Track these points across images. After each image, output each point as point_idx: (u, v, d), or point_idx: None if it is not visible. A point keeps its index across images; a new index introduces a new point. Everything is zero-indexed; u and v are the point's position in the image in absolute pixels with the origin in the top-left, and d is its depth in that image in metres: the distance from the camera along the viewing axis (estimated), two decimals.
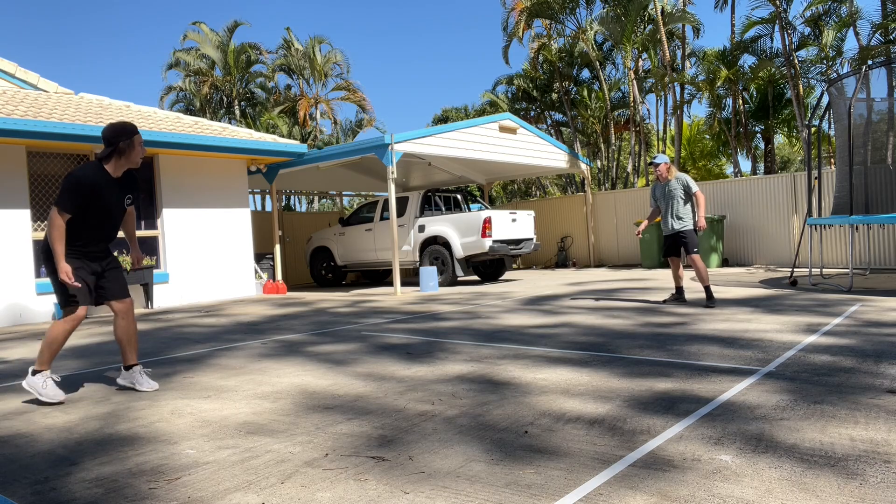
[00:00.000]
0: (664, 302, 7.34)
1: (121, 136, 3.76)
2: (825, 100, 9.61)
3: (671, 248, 7.19)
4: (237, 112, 28.45)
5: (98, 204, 3.75)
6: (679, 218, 7.01)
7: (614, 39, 20.27)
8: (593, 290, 9.51)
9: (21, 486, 2.46)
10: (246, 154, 11.54)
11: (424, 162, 14.22)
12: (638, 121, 22.06)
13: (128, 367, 4.06)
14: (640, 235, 7.58)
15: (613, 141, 24.02)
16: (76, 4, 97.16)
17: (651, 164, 7.11)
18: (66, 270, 3.64)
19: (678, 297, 7.25)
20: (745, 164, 44.51)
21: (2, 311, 9.10)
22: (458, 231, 11.69)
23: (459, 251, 11.66)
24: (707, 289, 6.90)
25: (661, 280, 10.68)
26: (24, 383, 3.76)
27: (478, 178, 17.27)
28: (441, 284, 11.95)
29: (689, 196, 6.97)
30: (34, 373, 3.75)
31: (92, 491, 2.36)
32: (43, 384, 3.72)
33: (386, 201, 12.82)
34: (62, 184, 3.63)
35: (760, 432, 2.63)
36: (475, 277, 13.76)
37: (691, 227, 6.99)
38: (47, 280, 9.50)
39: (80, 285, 3.71)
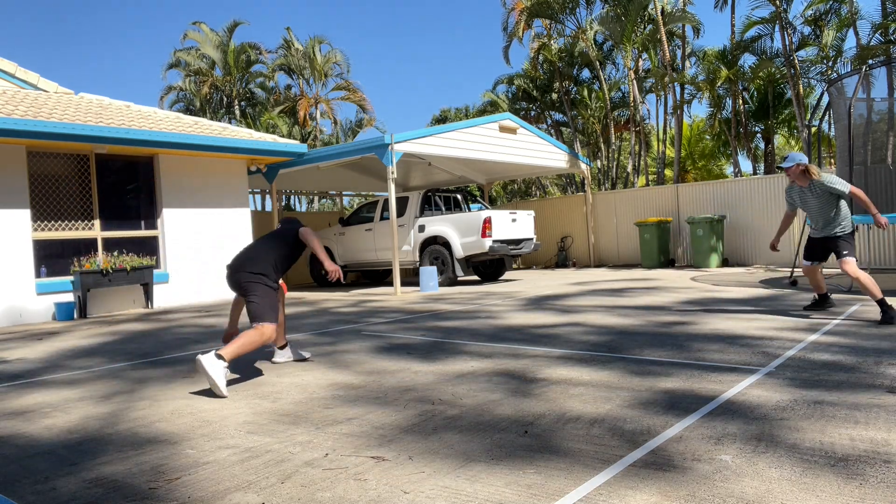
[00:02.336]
0: (806, 308, 6.20)
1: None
2: (825, 100, 9.61)
3: (815, 252, 5.86)
4: (237, 112, 28.45)
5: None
6: (836, 222, 5.67)
7: (614, 39, 20.27)
8: (594, 289, 9.51)
9: (21, 486, 2.46)
10: (246, 154, 11.54)
11: (424, 162, 14.22)
12: (638, 121, 22.06)
13: (282, 347, 4.72)
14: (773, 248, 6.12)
15: (613, 141, 24.02)
16: (76, 4, 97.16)
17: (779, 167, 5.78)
18: (334, 268, 4.25)
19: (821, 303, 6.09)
20: (746, 164, 44.51)
21: (2, 311, 9.10)
22: (458, 231, 11.69)
23: (459, 251, 11.66)
24: (881, 301, 5.35)
25: (661, 280, 10.68)
26: (203, 360, 3.69)
27: (478, 178, 17.27)
28: (441, 284, 11.95)
29: (840, 197, 5.63)
30: (220, 356, 3.75)
31: (92, 491, 2.36)
32: (224, 373, 3.75)
33: (386, 201, 12.82)
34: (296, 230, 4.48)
35: (760, 432, 2.63)
36: (475, 277, 13.76)
37: (850, 229, 5.67)
38: (47, 280, 9.56)
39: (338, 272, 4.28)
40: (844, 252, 5.47)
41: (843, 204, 5.61)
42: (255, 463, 2.58)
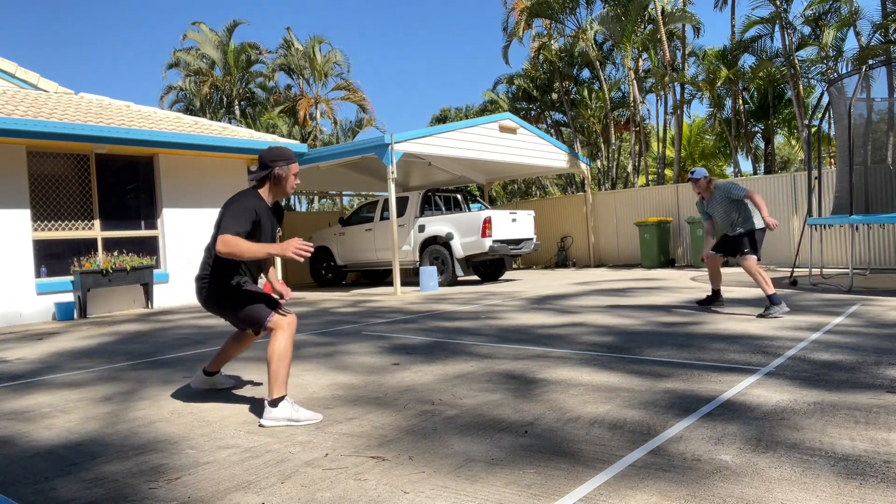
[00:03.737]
0: (699, 303, 6.82)
1: (278, 160, 3.37)
2: (825, 100, 9.61)
3: (726, 247, 6.44)
4: (237, 112, 28.45)
5: (259, 233, 3.36)
6: (739, 223, 6.27)
7: (614, 39, 20.27)
8: (594, 289, 9.51)
9: (21, 486, 2.46)
10: (246, 154, 11.54)
11: (424, 162, 14.22)
12: (638, 121, 22.06)
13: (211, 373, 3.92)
14: (705, 260, 6.56)
15: (613, 141, 24.03)
16: (76, 4, 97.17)
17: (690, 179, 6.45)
18: (291, 244, 3.06)
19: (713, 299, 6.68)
20: (746, 164, 44.55)
21: (1, 310, 9.10)
22: (459, 231, 11.69)
23: (459, 251, 11.66)
24: (770, 297, 5.98)
25: (661, 279, 10.68)
26: (265, 422, 3.12)
27: (478, 178, 17.27)
28: (441, 284, 11.95)
29: (738, 202, 6.22)
30: (275, 403, 3.14)
31: (92, 491, 2.36)
32: (294, 409, 3.16)
33: (386, 201, 12.82)
34: (226, 211, 3.22)
35: (760, 432, 2.63)
36: (475, 277, 13.76)
37: (751, 228, 6.23)
38: (47, 280, 9.55)
39: (310, 250, 3.16)
40: (745, 250, 6.09)
41: (745, 207, 6.15)
42: (255, 463, 2.58)
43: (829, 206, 11.31)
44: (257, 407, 3.49)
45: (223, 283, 3.39)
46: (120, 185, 10.59)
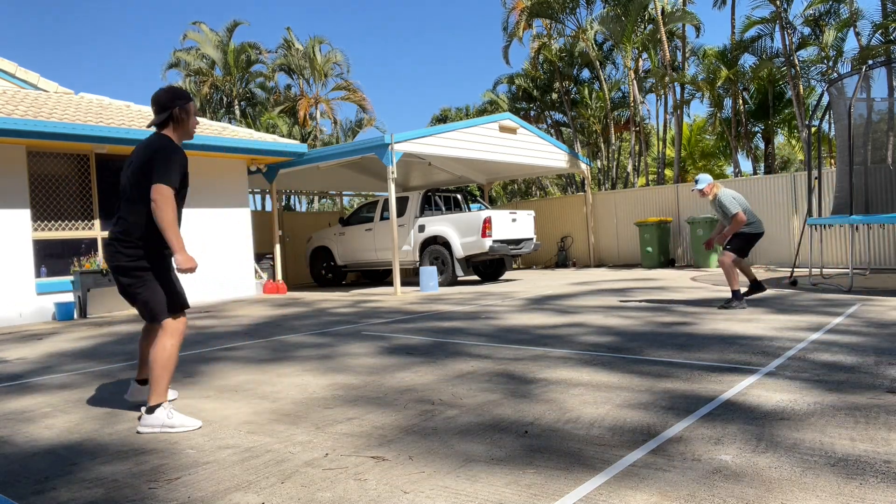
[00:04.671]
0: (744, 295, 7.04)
1: (176, 99, 3.22)
2: (825, 100, 9.60)
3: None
4: (237, 112, 28.45)
5: (185, 185, 3.19)
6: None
7: (614, 39, 20.27)
8: (594, 289, 9.51)
9: (21, 486, 2.46)
10: (246, 154, 11.55)
11: (424, 162, 14.22)
12: (638, 121, 22.06)
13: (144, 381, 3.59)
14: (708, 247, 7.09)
15: (613, 141, 24.02)
16: (76, 4, 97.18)
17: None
18: (190, 261, 3.00)
19: (756, 289, 7.07)
20: (746, 164, 44.55)
21: (2, 310, 9.10)
22: (459, 231, 11.69)
23: (459, 251, 11.66)
24: (735, 292, 6.68)
25: (661, 279, 10.68)
26: (141, 429, 3.06)
27: (478, 178, 17.27)
28: (441, 284, 11.95)
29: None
30: (151, 410, 3.06)
31: (92, 491, 2.36)
32: (169, 415, 3.06)
33: (386, 201, 12.82)
34: (157, 155, 3.02)
35: (760, 432, 2.63)
36: (475, 277, 13.76)
37: (744, 231, 6.75)
38: (47, 280, 9.55)
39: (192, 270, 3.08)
40: (727, 247, 6.78)
41: (746, 214, 6.73)
42: (255, 463, 2.58)
43: (829, 206, 11.31)
44: (258, 407, 3.49)
45: (153, 254, 3.13)
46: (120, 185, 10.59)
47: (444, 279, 11.95)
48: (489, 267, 13.32)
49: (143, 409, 3.11)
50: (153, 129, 3.28)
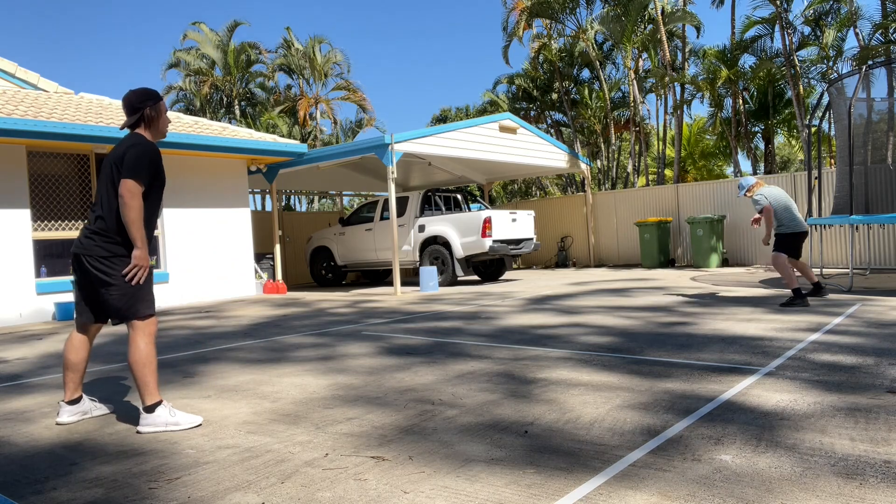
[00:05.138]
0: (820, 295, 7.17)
1: (146, 100, 3.25)
2: (825, 100, 9.60)
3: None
4: (237, 112, 28.45)
5: (159, 182, 3.21)
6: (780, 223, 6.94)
7: (614, 39, 20.27)
8: (594, 289, 9.51)
9: (21, 486, 2.46)
10: (246, 154, 11.54)
11: (424, 162, 14.22)
12: (638, 121, 22.06)
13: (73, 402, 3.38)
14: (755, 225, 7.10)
15: (613, 141, 24.02)
16: (76, 4, 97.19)
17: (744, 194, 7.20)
18: (146, 261, 3.05)
19: (815, 291, 7.09)
20: (746, 164, 44.54)
21: (1, 310, 9.10)
22: (459, 231, 11.69)
23: (459, 251, 11.66)
24: (796, 290, 6.69)
25: (661, 280, 10.68)
26: (142, 429, 3.07)
27: (478, 178, 17.27)
28: (441, 284, 11.95)
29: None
30: (151, 409, 3.07)
31: (92, 491, 2.36)
32: (171, 413, 3.09)
33: (386, 201, 12.82)
34: (128, 151, 3.05)
35: (760, 432, 2.63)
36: (475, 277, 13.76)
37: (782, 232, 6.88)
38: (47, 280, 9.55)
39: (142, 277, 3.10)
40: (774, 249, 6.90)
41: (779, 213, 6.85)
42: (255, 463, 2.58)
43: (829, 206, 11.31)
44: (258, 407, 3.49)
45: (129, 247, 3.12)
46: None
47: (444, 279, 11.95)
48: (489, 267, 13.32)
49: (142, 408, 3.12)
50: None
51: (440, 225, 11.96)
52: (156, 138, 3.32)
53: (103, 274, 3.12)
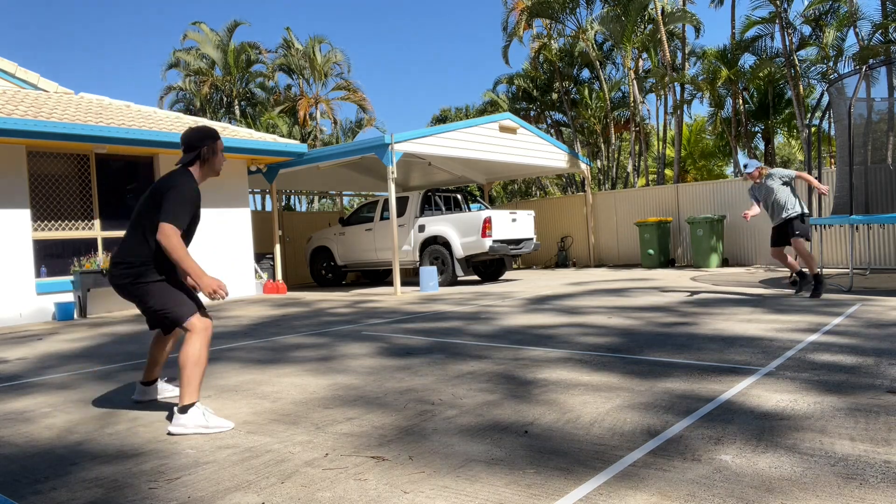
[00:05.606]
0: (796, 293, 7.45)
1: (205, 139, 3.31)
2: (825, 100, 9.60)
3: (780, 238, 7.30)
4: (237, 112, 28.44)
5: (193, 227, 3.32)
6: (785, 208, 7.17)
7: (614, 39, 20.27)
8: (594, 289, 9.51)
9: (21, 486, 2.46)
10: (246, 154, 11.54)
11: (424, 162, 14.22)
12: (638, 121, 22.06)
13: (148, 383, 3.67)
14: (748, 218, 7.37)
15: (613, 141, 24.02)
16: (76, 4, 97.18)
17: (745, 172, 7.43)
18: (215, 283, 3.06)
19: (805, 282, 7.32)
20: None
21: (2, 310, 9.10)
22: (459, 231, 11.69)
23: (459, 251, 11.66)
24: (815, 276, 7.01)
25: (661, 280, 10.68)
26: (173, 429, 3.05)
27: (478, 177, 17.27)
28: (441, 284, 11.95)
29: (789, 184, 7.14)
30: (185, 409, 3.06)
31: (92, 491, 2.36)
32: (204, 414, 3.07)
33: (386, 201, 12.82)
34: (172, 192, 3.09)
35: (760, 432, 2.63)
36: (475, 277, 13.76)
37: (797, 213, 7.09)
38: (47, 280, 9.55)
39: (226, 294, 3.14)
40: (796, 231, 6.99)
41: (790, 192, 7.10)
42: (255, 463, 2.58)
43: (829, 206, 11.31)
44: (258, 407, 3.49)
45: (152, 273, 3.20)
46: (120, 185, 10.59)
47: (444, 279, 11.95)
48: (489, 267, 13.32)
49: (176, 408, 3.08)
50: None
51: (440, 225, 11.96)
52: (207, 176, 3.39)
53: (136, 299, 3.23)
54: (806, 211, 7.07)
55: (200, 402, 3.13)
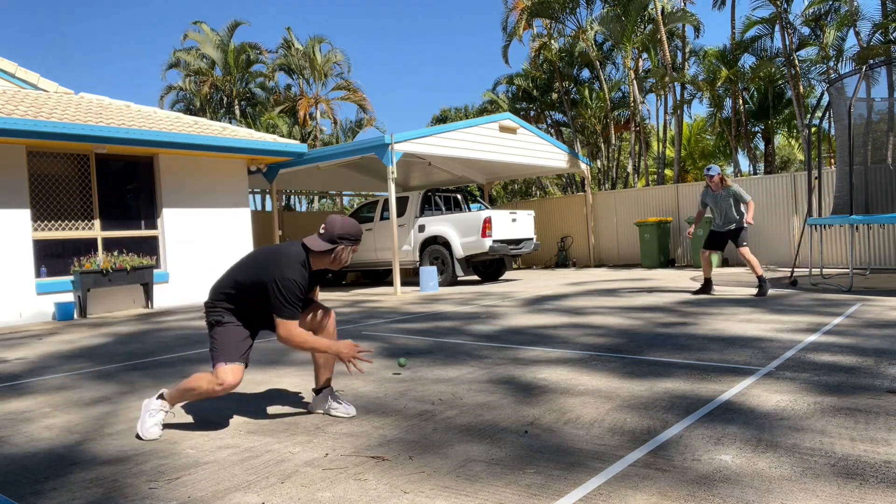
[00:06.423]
0: (694, 293, 8.09)
1: (346, 237, 3.03)
2: (825, 100, 9.60)
3: (715, 243, 7.96)
4: (237, 112, 28.44)
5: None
6: (734, 219, 7.82)
7: (614, 39, 20.27)
8: (594, 290, 9.51)
9: (21, 486, 2.46)
10: (246, 154, 11.54)
11: (424, 162, 14.22)
12: (638, 121, 22.06)
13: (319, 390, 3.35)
14: (691, 235, 8.27)
15: (613, 141, 24.02)
16: (76, 4, 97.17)
17: (707, 175, 7.92)
18: (348, 348, 2.96)
19: (706, 288, 8.02)
20: (746, 164, 44.50)
21: (1, 310, 9.10)
22: (459, 231, 11.69)
23: (459, 251, 11.65)
24: (759, 276, 7.55)
25: (661, 280, 10.68)
26: (145, 401, 3.11)
27: (478, 178, 17.27)
28: (441, 284, 11.95)
29: (739, 202, 7.75)
30: (160, 396, 3.11)
31: (92, 491, 2.36)
32: (154, 412, 3.05)
33: (386, 201, 12.82)
34: (282, 292, 2.88)
35: (760, 432, 2.63)
36: (475, 277, 13.76)
37: (743, 226, 7.80)
38: (47, 280, 9.55)
39: (370, 360, 3.14)
40: (744, 243, 7.69)
41: (739, 207, 7.74)
42: (255, 463, 2.58)
43: (829, 206, 11.31)
44: (257, 407, 3.49)
45: (227, 313, 3.09)
46: (120, 184, 10.59)
47: (444, 279, 11.95)
48: (489, 267, 13.32)
49: (160, 392, 3.13)
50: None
51: (440, 225, 11.96)
52: (320, 266, 3.12)
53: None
54: (745, 225, 7.73)
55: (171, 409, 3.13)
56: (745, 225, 7.70)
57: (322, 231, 3.05)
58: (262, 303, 3.03)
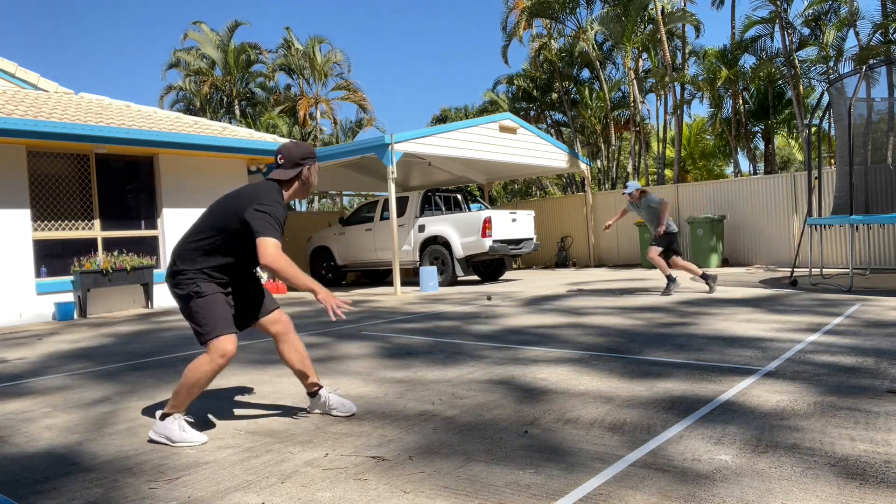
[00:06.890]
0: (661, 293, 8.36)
1: (308, 158, 3.02)
2: (825, 100, 9.60)
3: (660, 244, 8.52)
4: (237, 112, 28.44)
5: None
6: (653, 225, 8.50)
7: (614, 39, 20.27)
8: (594, 290, 9.51)
9: (21, 486, 2.46)
10: (246, 154, 11.54)
11: (424, 162, 14.21)
12: (638, 121, 22.06)
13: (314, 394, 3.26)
14: (607, 229, 9.12)
15: (613, 141, 24.02)
16: (76, 4, 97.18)
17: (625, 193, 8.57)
18: (328, 294, 2.85)
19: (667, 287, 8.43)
20: (746, 164, 44.51)
21: (2, 310, 9.10)
22: (459, 231, 11.69)
23: (459, 251, 11.65)
24: (668, 276, 8.21)
25: (661, 280, 10.67)
26: (152, 434, 2.93)
27: (478, 177, 17.27)
28: (441, 284, 11.95)
29: (656, 209, 8.37)
30: (163, 416, 2.93)
31: (92, 491, 2.36)
32: (180, 427, 2.89)
33: (386, 201, 12.82)
34: (265, 211, 2.81)
35: (760, 432, 2.63)
36: (475, 277, 13.76)
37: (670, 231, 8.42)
38: (47, 280, 9.55)
39: (350, 306, 2.89)
40: (653, 243, 8.26)
41: (655, 214, 8.29)
42: (255, 463, 2.58)
43: (829, 206, 11.30)
44: (257, 407, 3.49)
45: (206, 280, 2.95)
46: (120, 184, 10.59)
47: (444, 279, 11.95)
48: (489, 267, 13.32)
49: (158, 414, 2.98)
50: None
51: (440, 225, 11.96)
52: (296, 197, 3.11)
53: (182, 308, 3.02)
54: (673, 230, 8.26)
55: (182, 414, 2.96)
56: (673, 230, 8.26)
57: (281, 161, 3.02)
58: (244, 242, 2.89)
